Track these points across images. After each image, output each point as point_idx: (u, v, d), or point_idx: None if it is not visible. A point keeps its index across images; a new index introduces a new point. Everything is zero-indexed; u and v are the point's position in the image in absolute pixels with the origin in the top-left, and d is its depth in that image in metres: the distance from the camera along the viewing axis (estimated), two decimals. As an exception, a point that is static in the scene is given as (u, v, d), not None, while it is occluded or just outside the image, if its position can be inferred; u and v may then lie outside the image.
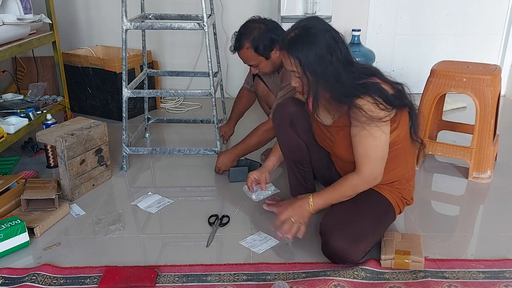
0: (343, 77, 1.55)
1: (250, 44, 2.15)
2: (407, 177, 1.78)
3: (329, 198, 1.70)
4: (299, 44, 1.55)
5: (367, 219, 1.67)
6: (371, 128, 1.55)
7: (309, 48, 1.53)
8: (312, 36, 1.54)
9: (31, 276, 1.61)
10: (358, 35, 3.41)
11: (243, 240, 1.85)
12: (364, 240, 1.64)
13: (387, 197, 1.74)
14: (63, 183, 2.14)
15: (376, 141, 1.58)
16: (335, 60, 1.54)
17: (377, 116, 1.53)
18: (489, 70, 2.32)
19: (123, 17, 2.25)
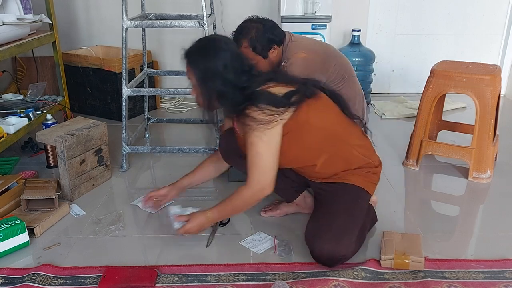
0: (230, 92, 1.60)
1: (248, 44, 2.14)
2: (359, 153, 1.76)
3: (223, 213, 1.74)
4: (197, 55, 1.62)
5: (342, 214, 1.68)
6: (256, 136, 1.58)
7: (205, 60, 1.60)
8: (210, 49, 1.62)
9: (31, 276, 1.61)
10: (358, 35, 3.41)
11: (243, 240, 1.85)
12: (345, 235, 1.64)
13: (352, 182, 1.73)
14: (63, 183, 2.14)
15: (262, 149, 1.59)
16: (228, 75, 1.59)
17: (261, 122, 1.56)
18: (489, 70, 2.32)
19: (123, 16, 2.26)
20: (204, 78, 1.61)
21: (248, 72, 1.64)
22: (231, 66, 1.59)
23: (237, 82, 1.61)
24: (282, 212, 2.01)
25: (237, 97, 1.60)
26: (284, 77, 1.71)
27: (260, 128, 1.57)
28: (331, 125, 1.71)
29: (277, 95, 1.60)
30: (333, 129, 1.70)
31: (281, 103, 1.59)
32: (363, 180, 1.75)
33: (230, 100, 1.61)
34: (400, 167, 2.52)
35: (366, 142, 1.81)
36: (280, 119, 1.58)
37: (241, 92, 1.61)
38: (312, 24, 3.14)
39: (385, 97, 3.73)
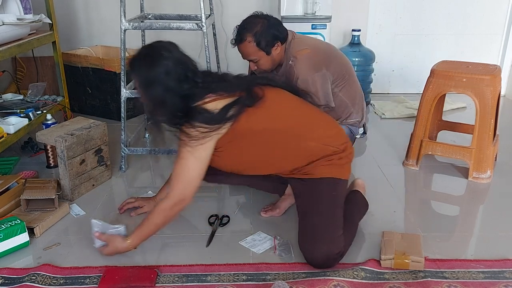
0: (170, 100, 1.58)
1: (252, 38, 2.12)
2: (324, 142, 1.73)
3: (144, 233, 1.70)
4: (139, 63, 1.61)
5: (319, 215, 1.68)
6: (187, 151, 1.59)
7: (147, 68, 1.58)
8: (152, 57, 1.59)
9: (31, 276, 1.61)
10: (358, 35, 3.42)
11: (243, 240, 1.85)
12: (330, 235, 1.64)
13: (320, 175, 1.71)
14: (63, 183, 2.14)
15: (190, 163, 1.60)
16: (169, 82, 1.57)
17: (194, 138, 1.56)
18: (489, 70, 2.32)
19: (121, 18, 2.26)
20: (146, 86, 1.60)
21: (192, 79, 1.60)
22: (173, 74, 1.57)
23: (178, 89, 1.58)
24: (281, 209, 2.02)
25: (177, 106, 1.58)
26: (226, 85, 1.66)
27: (193, 143, 1.57)
28: (280, 124, 1.68)
29: (213, 113, 1.58)
30: (281, 127, 1.68)
31: (216, 121, 1.58)
32: (329, 169, 1.73)
33: (169, 108, 1.59)
34: (400, 167, 2.52)
35: (328, 129, 1.78)
36: (215, 135, 1.59)
37: (182, 101, 1.58)
38: (312, 24, 3.14)
39: (385, 97, 3.73)
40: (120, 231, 1.74)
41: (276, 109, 1.69)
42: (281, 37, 2.17)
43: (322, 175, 1.72)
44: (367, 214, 2.04)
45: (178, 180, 1.63)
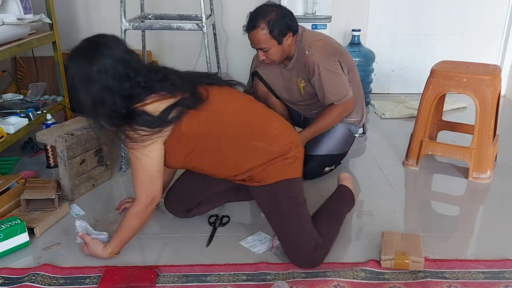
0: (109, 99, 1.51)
1: (266, 25, 2.08)
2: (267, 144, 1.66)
3: (122, 238, 1.70)
4: (77, 58, 1.53)
5: (284, 218, 1.67)
6: (133, 154, 1.57)
7: (84, 64, 1.51)
8: (91, 53, 1.52)
9: (31, 276, 1.61)
10: (358, 35, 3.41)
11: (243, 240, 1.85)
12: (298, 234, 1.64)
13: (277, 179, 1.66)
14: (63, 183, 2.14)
15: (142, 165, 1.58)
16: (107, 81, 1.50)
17: (137, 141, 1.53)
18: (489, 70, 2.32)
19: (122, 18, 2.26)
20: (84, 83, 1.52)
21: (133, 78, 1.53)
22: (112, 72, 1.50)
23: (117, 89, 1.51)
24: None
25: (117, 106, 1.52)
26: (169, 85, 1.59)
27: (136, 146, 1.54)
28: (222, 127, 1.63)
29: (153, 115, 1.52)
30: (224, 130, 1.63)
31: (157, 124, 1.53)
32: (278, 172, 1.66)
33: (108, 108, 1.52)
34: (400, 167, 2.52)
35: (272, 129, 1.69)
36: (157, 137, 1.55)
37: (122, 101, 1.52)
38: (312, 24, 3.14)
39: (385, 97, 3.73)
40: (103, 239, 1.74)
41: (219, 111, 1.64)
42: (294, 28, 2.15)
43: (272, 180, 1.67)
44: (367, 214, 2.04)
45: (139, 184, 1.61)
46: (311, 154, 2.31)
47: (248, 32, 2.14)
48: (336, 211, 1.85)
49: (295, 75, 2.28)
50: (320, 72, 2.16)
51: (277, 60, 2.21)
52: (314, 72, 2.17)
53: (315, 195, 1.95)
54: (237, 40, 3.51)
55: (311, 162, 2.31)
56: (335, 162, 2.43)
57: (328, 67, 2.17)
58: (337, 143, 2.36)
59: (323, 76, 2.16)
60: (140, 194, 1.63)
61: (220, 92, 1.68)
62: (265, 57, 2.18)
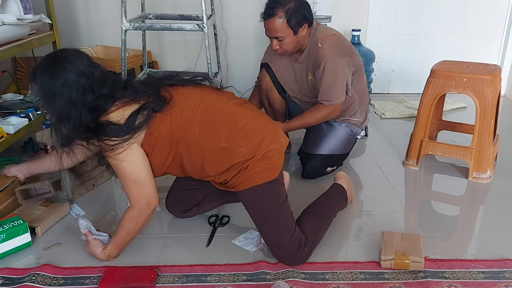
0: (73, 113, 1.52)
1: (284, 14, 2.08)
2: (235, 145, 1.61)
3: (119, 242, 1.70)
4: (41, 73, 1.52)
5: (264, 220, 1.67)
6: (114, 162, 1.56)
7: (48, 79, 1.51)
8: (53, 68, 1.51)
9: (31, 276, 1.61)
10: (358, 35, 3.42)
11: (235, 239, 1.85)
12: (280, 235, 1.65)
13: (251, 185, 1.63)
14: (63, 183, 2.14)
15: (126, 170, 1.57)
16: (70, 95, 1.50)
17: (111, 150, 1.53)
18: (489, 70, 2.32)
19: (122, 18, 2.26)
20: (48, 98, 1.53)
21: (97, 91, 1.53)
22: (75, 86, 1.50)
23: (81, 102, 1.51)
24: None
25: (82, 119, 1.52)
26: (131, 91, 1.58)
27: (112, 155, 1.54)
28: (188, 128, 1.59)
29: (119, 124, 1.52)
30: (191, 131, 1.59)
31: (124, 131, 1.53)
32: (256, 175, 1.62)
33: (74, 121, 1.52)
34: (400, 167, 2.52)
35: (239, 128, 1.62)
36: (131, 143, 1.55)
37: (88, 114, 1.52)
38: (312, 24, 3.14)
39: (385, 97, 3.73)
40: (104, 239, 1.74)
41: (183, 112, 1.60)
42: (310, 19, 2.14)
43: (246, 186, 1.63)
44: (367, 214, 2.04)
45: (128, 190, 1.60)
46: (313, 153, 2.30)
47: (265, 20, 2.13)
48: (323, 210, 1.84)
49: (305, 68, 2.28)
50: (324, 67, 2.16)
51: (290, 50, 2.20)
52: (320, 66, 2.17)
53: (315, 195, 1.95)
54: (237, 40, 3.52)
55: (312, 161, 2.31)
56: (337, 163, 2.43)
57: (334, 64, 2.16)
58: (339, 143, 2.36)
59: (325, 73, 2.17)
60: (132, 199, 1.62)
61: (184, 93, 1.65)
62: (279, 47, 2.17)
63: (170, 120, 1.59)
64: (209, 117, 1.61)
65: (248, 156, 1.60)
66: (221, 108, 1.65)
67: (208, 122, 1.61)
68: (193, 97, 1.64)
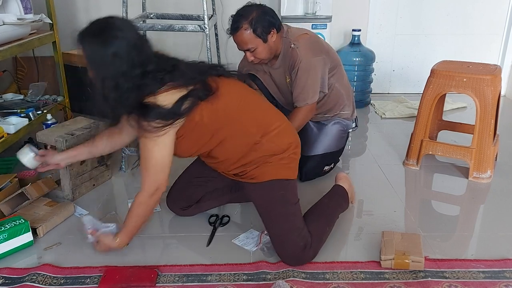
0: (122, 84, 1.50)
1: (249, 25, 2.09)
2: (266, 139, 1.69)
3: (130, 228, 1.70)
4: (90, 37, 1.50)
5: (275, 216, 1.68)
6: (146, 143, 1.56)
7: (97, 45, 1.49)
8: (105, 34, 1.49)
9: (31, 276, 1.61)
10: (358, 35, 3.42)
11: (235, 238, 1.85)
12: (289, 233, 1.66)
13: (270, 178, 1.69)
14: (63, 183, 2.14)
15: (153, 153, 1.58)
16: (119, 65, 1.48)
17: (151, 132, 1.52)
18: (490, 70, 2.32)
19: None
20: (94, 63, 1.52)
21: (145, 66, 1.52)
22: (125, 58, 1.47)
23: (129, 75, 1.49)
24: None
25: (128, 93, 1.50)
26: (180, 76, 1.57)
27: (150, 136, 1.53)
28: (229, 119, 1.64)
29: (166, 108, 1.52)
30: (231, 123, 1.64)
31: (170, 116, 1.53)
32: (273, 171, 1.69)
33: (119, 93, 1.50)
34: (400, 167, 2.52)
35: (274, 126, 1.71)
36: (171, 128, 1.55)
37: (134, 89, 1.51)
38: (313, 24, 3.14)
39: (385, 97, 3.73)
40: (112, 230, 1.73)
41: (227, 103, 1.64)
42: (277, 24, 2.15)
43: (266, 178, 1.69)
44: (367, 214, 2.04)
45: (147, 172, 1.60)
46: (308, 155, 2.31)
47: (233, 35, 2.15)
48: (327, 211, 1.85)
49: (283, 72, 2.28)
50: (299, 67, 2.17)
51: (266, 58, 2.21)
52: (294, 67, 2.18)
53: (315, 195, 1.95)
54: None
55: (309, 163, 2.31)
56: (333, 160, 2.43)
57: (308, 64, 2.16)
58: (332, 140, 2.37)
59: (299, 73, 2.17)
60: (145, 183, 1.62)
61: (228, 84, 1.69)
62: (253, 58, 2.18)
63: (214, 109, 1.61)
64: (249, 112, 1.69)
65: (276, 152, 1.69)
66: (259, 106, 1.75)
67: (248, 116, 1.68)
68: (236, 90, 1.71)
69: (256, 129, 1.68)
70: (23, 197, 2.02)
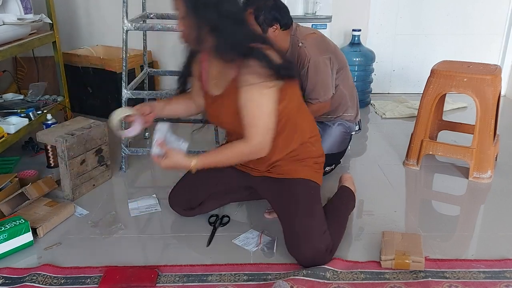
0: (229, 29, 1.49)
1: (253, 10, 2.08)
2: (310, 141, 1.77)
3: (214, 161, 1.65)
4: None
5: (302, 212, 1.68)
6: (258, 94, 1.52)
7: None
8: None
9: (32, 276, 1.61)
10: (358, 35, 3.42)
11: (236, 238, 1.85)
12: (313, 231, 1.65)
13: (302, 176, 1.73)
14: (63, 183, 2.14)
15: (264, 108, 1.55)
16: (224, 11, 1.48)
17: (264, 81, 1.50)
18: (490, 70, 2.32)
19: (123, 18, 2.25)
20: (196, 6, 1.47)
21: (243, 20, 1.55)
22: (229, 6, 1.49)
23: (236, 16, 1.50)
24: None
25: (237, 34, 1.50)
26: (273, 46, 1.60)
27: (262, 85, 1.50)
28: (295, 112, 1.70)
29: (274, 61, 1.52)
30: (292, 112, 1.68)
31: (278, 70, 1.52)
32: (305, 171, 1.75)
33: (228, 34, 1.48)
34: (400, 167, 2.52)
35: (316, 132, 1.83)
36: (277, 84, 1.54)
37: (241, 30, 1.51)
38: (313, 24, 3.14)
39: (386, 97, 3.73)
40: (182, 147, 1.62)
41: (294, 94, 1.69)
42: (282, 22, 2.13)
43: (297, 175, 1.73)
44: (367, 214, 2.04)
45: (253, 127, 1.55)
46: None
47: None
48: (340, 214, 1.86)
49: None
50: (308, 65, 2.16)
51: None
52: (304, 65, 2.18)
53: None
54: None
55: None
56: (334, 161, 2.43)
57: (316, 63, 2.17)
58: (335, 142, 2.37)
59: (310, 71, 2.17)
60: (253, 138, 1.56)
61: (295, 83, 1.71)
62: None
63: (288, 98, 1.63)
64: (304, 111, 1.78)
65: (313, 155, 1.79)
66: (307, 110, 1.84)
67: (304, 116, 1.77)
68: (297, 89, 1.74)
69: (308, 129, 1.77)
70: (23, 197, 2.02)
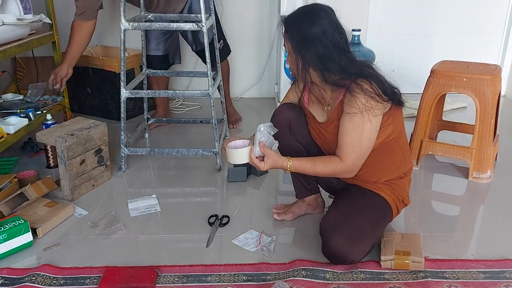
0: (336, 59, 1.56)
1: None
2: (405, 172, 1.79)
3: (305, 167, 1.66)
4: (295, 20, 1.58)
5: (367, 220, 1.67)
6: (362, 117, 1.56)
7: (305, 26, 1.56)
8: (311, 16, 1.57)
9: (31, 276, 1.61)
10: (358, 35, 3.41)
11: (235, 238, 1.85)
12: (364, 241, 1.64)
13: (385, 197, 1.74)
14: (63, 183, 2.14)
15: (365, 132, 1.57)
16: (330, 43, 1.55)
17: (372, 104, 1.54)
18: (489, 70, 2.32)
19: (121, 18, 2.25)
20: (302, 42, 1.57)
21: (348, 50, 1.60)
22: (330, 34, 1.55)
23: (340, 46, 1.56)
24: (294, 215, 1.99)
25: (344, 61, 1.57)
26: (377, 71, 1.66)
27: (369, 111, 1.54)
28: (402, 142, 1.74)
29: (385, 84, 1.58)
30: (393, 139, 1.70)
31: (388, 94, 1.58)
32: (394, 200, 1.76)
33: (337, 63, 1.56)
34: (400, 167, 2.52)
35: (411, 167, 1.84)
36: (385, 107, 1.59)
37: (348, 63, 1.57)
38: (312, 24, 3.13)
39: (385, 97, 3.72)
40: (275, 147, 1.65)
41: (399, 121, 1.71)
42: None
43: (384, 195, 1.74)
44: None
45: (350, 149, 1.59)
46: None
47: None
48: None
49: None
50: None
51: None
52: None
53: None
54: (237, 40, 3.51)
55: None
56: None
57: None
58: None
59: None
60: (349, 160, 1.60)
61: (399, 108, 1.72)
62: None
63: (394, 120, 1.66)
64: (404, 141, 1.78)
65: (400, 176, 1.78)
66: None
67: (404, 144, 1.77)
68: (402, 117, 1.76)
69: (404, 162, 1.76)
70: (23, 197, 2.02)
